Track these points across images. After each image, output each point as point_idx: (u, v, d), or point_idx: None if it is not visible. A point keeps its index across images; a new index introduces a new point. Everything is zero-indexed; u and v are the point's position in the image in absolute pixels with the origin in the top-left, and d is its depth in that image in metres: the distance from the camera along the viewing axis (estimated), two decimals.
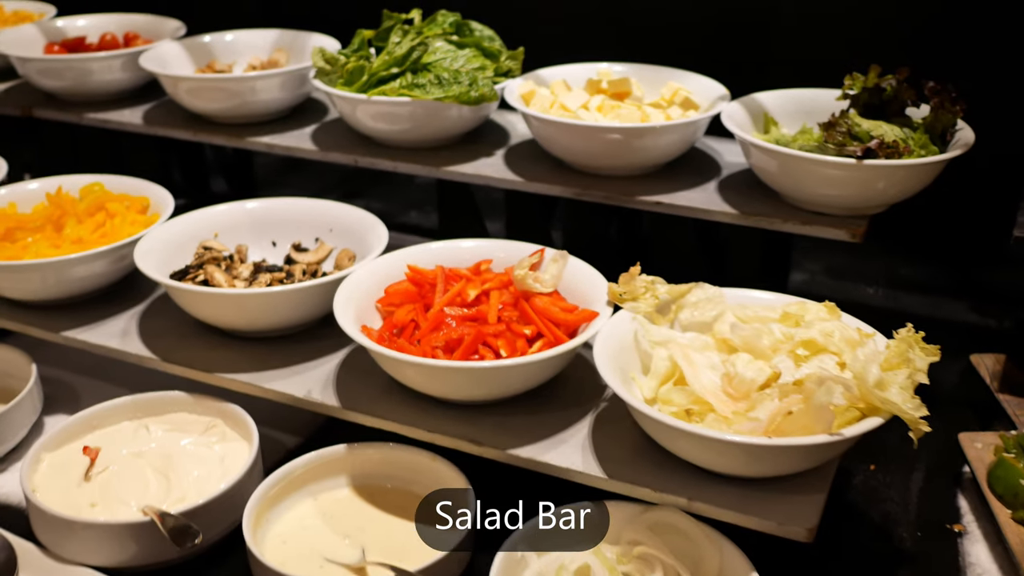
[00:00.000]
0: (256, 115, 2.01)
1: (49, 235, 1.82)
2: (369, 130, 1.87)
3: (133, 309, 1.74)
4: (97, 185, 1.91)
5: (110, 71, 2.12)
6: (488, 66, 1.87)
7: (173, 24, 2.28)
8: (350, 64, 1.87)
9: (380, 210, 1.82)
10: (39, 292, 1.70)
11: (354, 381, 1.51)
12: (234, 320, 1.59)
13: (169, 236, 1.71)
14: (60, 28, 2.35)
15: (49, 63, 2.09)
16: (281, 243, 1.81)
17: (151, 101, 2.18)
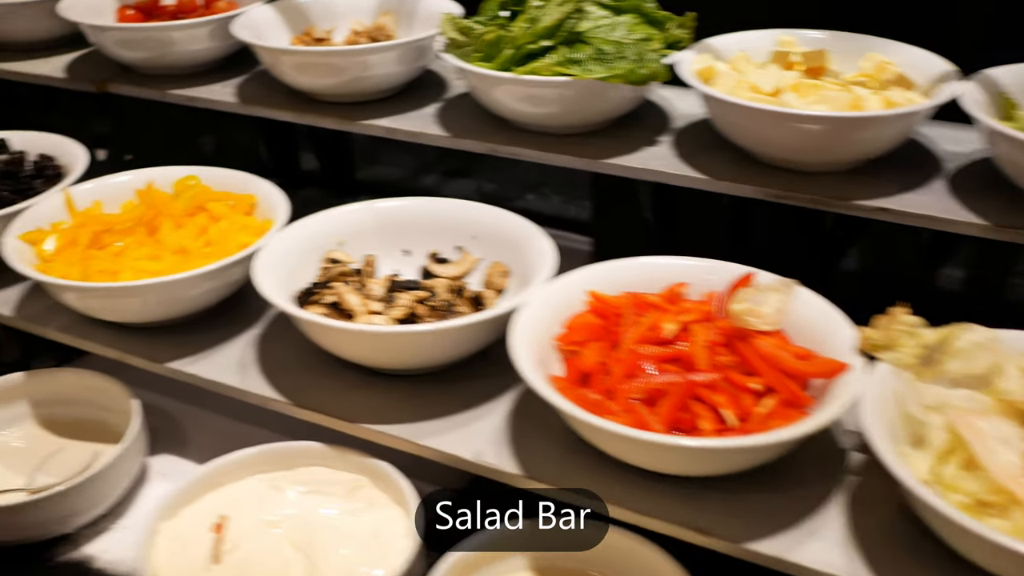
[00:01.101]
0: (368, 92, 1.68)
1: (142, 239, 1.51)
2: (508, 112, 1.54)
3: (248, 333, 1.44)
4: (192, 179, 1.59)
5: (196, 40, 1.78)
6: (655, 36, 1.52)
7: None
8: (489, 35, 1.52)
9: (493, 193, 1.48)
10: (138, 314, 1.40)
11: (532, 436, 1.23)
12: (379, 359, 1.29)
13: (289, 247, 1.41)
14: None
15: (128, 33, 1.76)
16: (415, 251, 1.50)
17: (240, 73, 1.85)
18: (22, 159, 1.70)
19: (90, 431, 1.45)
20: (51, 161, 1.69)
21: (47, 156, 1.70)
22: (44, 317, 1.49)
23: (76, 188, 1.56)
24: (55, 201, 1.53)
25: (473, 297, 1.40)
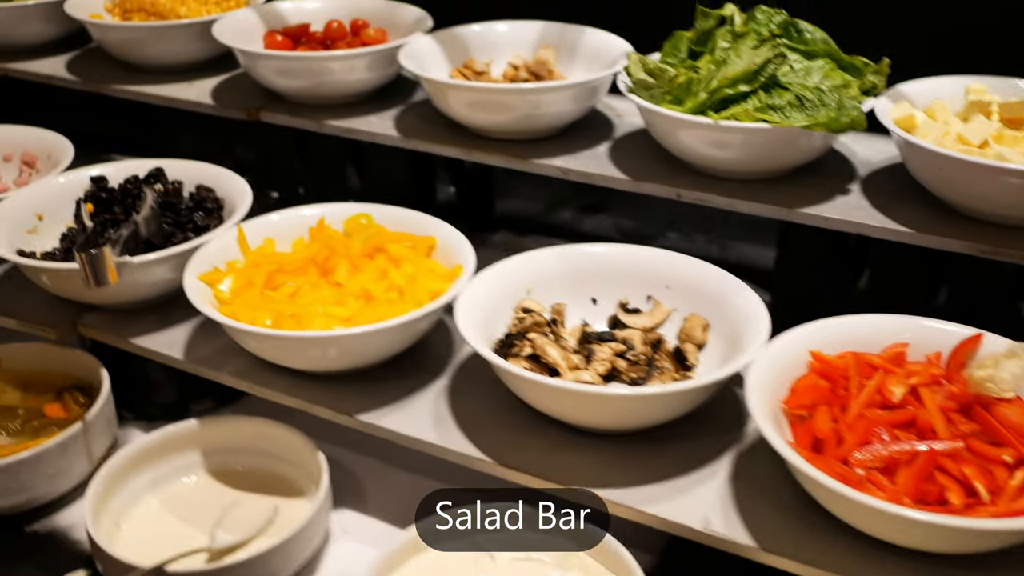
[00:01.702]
0: (539, 130, 1.62)
1: (315, 280, 1.44)
2: (694, 156, 1.46)
3: (436, 383, 1.37)
4: (365, 217, 1.52)
5: (354, 71, 1.71)
6: (851, 83, 1.44)
7: (412, 12, 1.86)
8: (680, 77, 1.45)
9: (632, 230, 1.40)
10: (323, 363, 1.33)
11: (757, 501, 1.16)
12: (591, 418, 1.22)
13: (484, 296, 1.34)
14: (280, 13, 1.94)
15: (287, 62, 1.69)
16: (603, 300, 1.42)
17: (393, 104, 1.78)
18: (180, 190, 1.64)
19: (267, 482, 1.38)
20: (210, 193, 1.63)
21: (205, 187, 1.64)
22: (217, 360, 1.42)
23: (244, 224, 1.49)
24: (228, 238, 1.46)
25: (673, 351, 1.33)
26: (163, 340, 1.47)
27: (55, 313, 1.53)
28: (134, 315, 1.51)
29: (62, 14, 2.03)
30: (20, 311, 1.54)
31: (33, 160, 1.82)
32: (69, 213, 1.64)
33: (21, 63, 2.03)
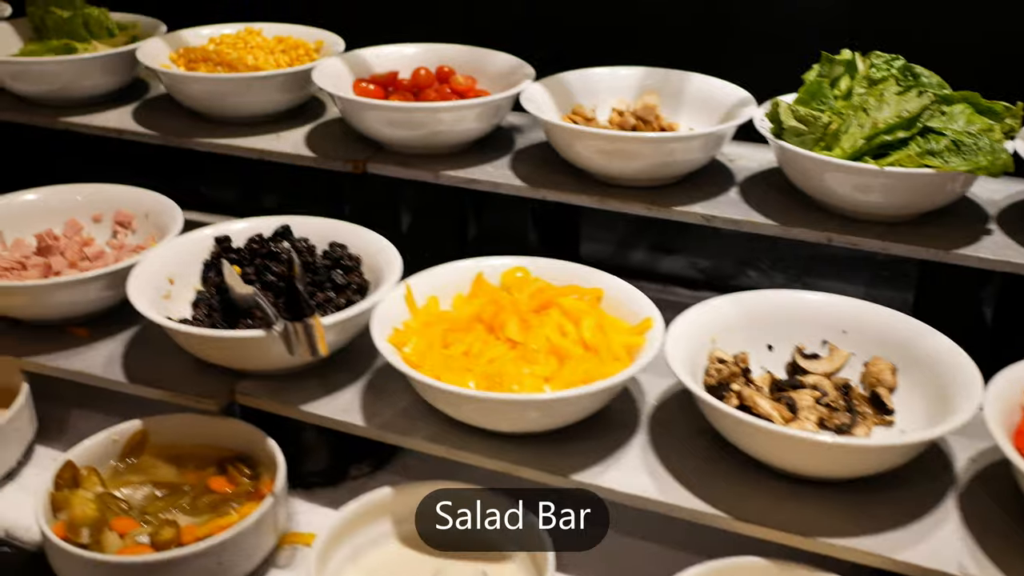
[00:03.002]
0: (668, 177, 1.60)
1: (483, 337, 1.39)
2: (837, 200, 1.47)
3: (637, 436, 1.35)
4: (521, 270, 1.48)
5: (461, 121, 1.66)
6: (994, 127, 1.47)
7: (503, 60, 1.82)
8: (834, 124, 1.46)
9: (710, 269, 1.47)
10: (524, 424, 1.29)
11: (1002, 543, 1.16)
12: (818, 467, 1.20)
13: (679, 349, 1.30)
14: (365, 61, 1.87)
15: (395, 112, 1.63)
16: (778, 346, 1.41)
17: (498, 152, 1.73)
18: (312, 248, 1.56)
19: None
20: (344, 249, 1.55)
21: (338, 244, 1.56)
22: (403, 425, 1.35)
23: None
24: (396, 297, 1.40)
25: (868, 397, 1.33)
26: (334, 406, 1.39)
27: (207, 382, 1.43)
28: (292, 380, 1.43)
29: (122, 66, 1.91)
30: (168, 381, 1.44)
31: (128, 220, 1.70)
32: (195, 275, 1.54)
33: (83, 117, 1.89)
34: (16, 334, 1.53)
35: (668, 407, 1.37)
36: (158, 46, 1.91)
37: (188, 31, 1.98)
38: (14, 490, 1.49)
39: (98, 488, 1.35)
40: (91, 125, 1.88)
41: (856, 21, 1.76)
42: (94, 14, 2.01)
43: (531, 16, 1.98)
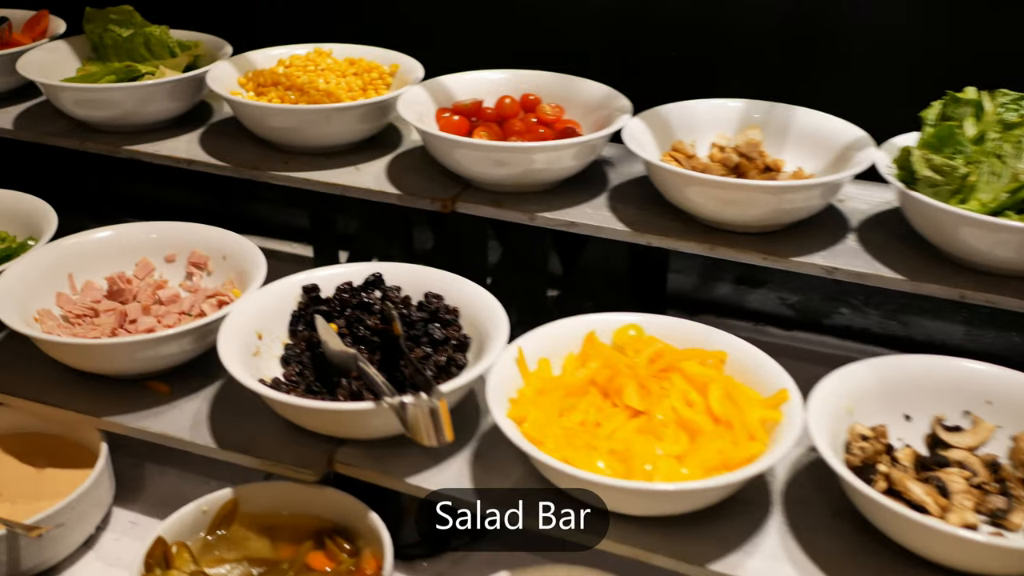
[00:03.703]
0: (785, 223, 1.47)
1: (597, 403, 1.29)
2: (970, 254, 1.35)
3: (773, 518, 1.22)
4: (634, 328, 1.36)
5: (558, 160, 1.54)
6: None
7: (594, 89, 1.69)
8: (972, 176, 1.34)
9: (802, 305, 1.35)
10: (656, 510, 1.17)
11: None
12: (981, 567, 1.09)
13: (821, 423, 1.19)
14: (447, 89, 1.74)
15: (487, 152, 1.50)
16: (916, 416, 1.29)
17: (595, 190, 1.61)
18: (408, 299, 1.44)
19: None
20: (440, 300, 1.44)
21: (434, 295, 1.44)
22: None
23: None
24: (507, 360, 1.28)
25: (1022, 478, 1.22)
26: (442, 479, 1.28)
27: (305, 449, 1.32)
28: (393, 446, 1.31)
29: (189, 91, 1.79)
30: (262, 448, 1.32)
31: (203, 262, 1.59)
32: (282, 328, 1.43)
33: (149, 145, 1.77)
34: (90, 388, 1.41)
35: (801, 482, 1.26)
36: (226, 69, 1.78)
37: (256, 53, 1.86)
38: (94, 560, 1.37)
39: (191, 567, 1.24)
40: (158, 154, 1.75)
41: (953, 52, 1.63)
42: (155, 33, 1.89)
43: (609, 41, 1.84)
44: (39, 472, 1.42)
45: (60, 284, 1.52)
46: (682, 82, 1.71)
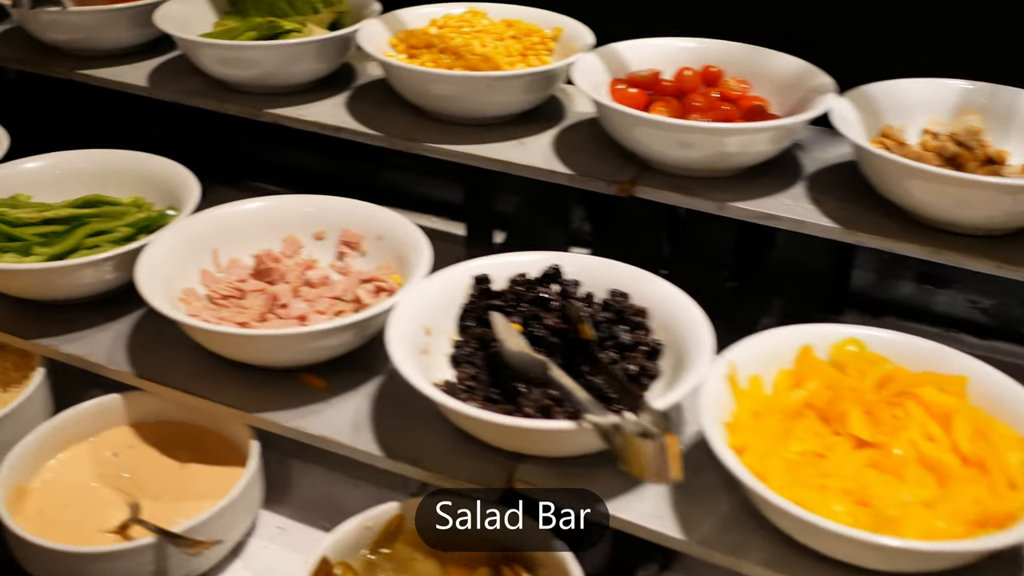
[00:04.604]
0: (1017, 227, 1.26)
1: (815, 428, 1.09)
2: None
3: None
4: (854, 343, 1.16)
5: (755, 144, 1.33)
6: None
7: (787, 62, 1.48)
8: None
9: (995, 310, 1.36)
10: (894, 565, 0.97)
11: None
12: None
13: None
14: (621, 59, 1.54)
15: (689, 133, 1.31)
16: None
17: (790, 176, 1.42)
18: (590, 296, 1.26)
19: None
20: (626, 299, 1.25)
21: (620, 292, 1.26)
22: (731, 542, 1.06)
23: None
24: (716, 375, 1.09)
25: None
26: (640, 509, 1.11)
27: (481, 464, 1.15)
28: (581, 465, 1.14)
29: (337, 51, 1.62)
30: (434, 460, 1.16)
31: (356, 241, 1.42)
32: (450, 322, 1.26)
33: (292, 109, 1.60)
34: (239, 378, 1.26)
35: None
36: (377, 29, 1.61)
37: (407, 11, 1.68)
38: (242, 570, 1.23)
39: None
40: (303, 119, 1.58)
41: None
42: None
43: (798, 5, 1.62)
44: (182, 468, 1.28)
45: (204, 260, 1.36)
46: (881, 56, 1.49)
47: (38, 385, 1.34)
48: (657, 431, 0.93)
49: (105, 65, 1.74)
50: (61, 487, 1.24)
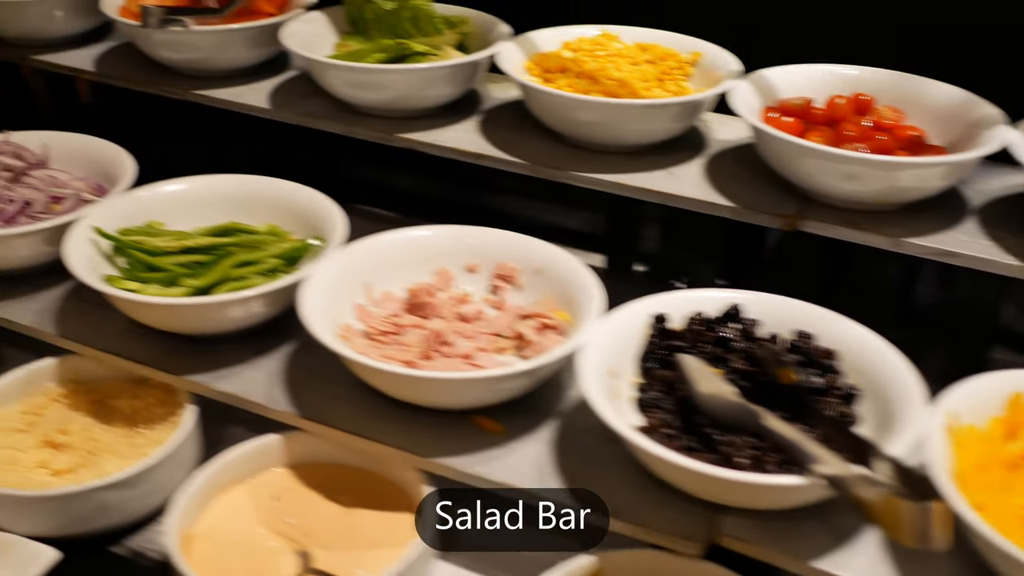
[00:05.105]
0: None
1: None
2: None
3: None
4: None
5: (928, 179, 1.28)
6: None
7: (950, 95, 1.43)
8: None
9: None
10: None
11: None
12: None
13: None
14: (771, 85, 1.49)
15: (859, 165, 1.27)
16: None
17: (960, 210, 1.35)
18: (774, 337, 1.20)
19: None
20: (809, 340, 1.19)
21: (805, 333, 1.20)
22: None
23: None
24: (935, 429, 1.04)
25: None
26: (856, 567, 1.04)
27: (678, 514, 1.09)
28: (788, 517, 1.08)
29: (470, 75, 1.56)
30: (632, 511, 1.10)
31: (511, 275, 1.36)
32: (629, 364, 1.20)
33: (424, 134, 1.54)
34: (407, 419, 1.21)
35: None
36: (513, 52, 1.55)
37: (538, 34, 1.62)
38: None
39: None
40: (438, 145, 1.52)
41: None
42: (423, 7, 1.65)
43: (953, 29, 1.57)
44: (348, 513, 1.22)
45: (356, 294, 1.30)
46: None
47: (194, 424, 1.27)
48: (916, 491, 0.86)
49: (220, 85, 1.67)
50: (226, 533, 1.17)
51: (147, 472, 1.20)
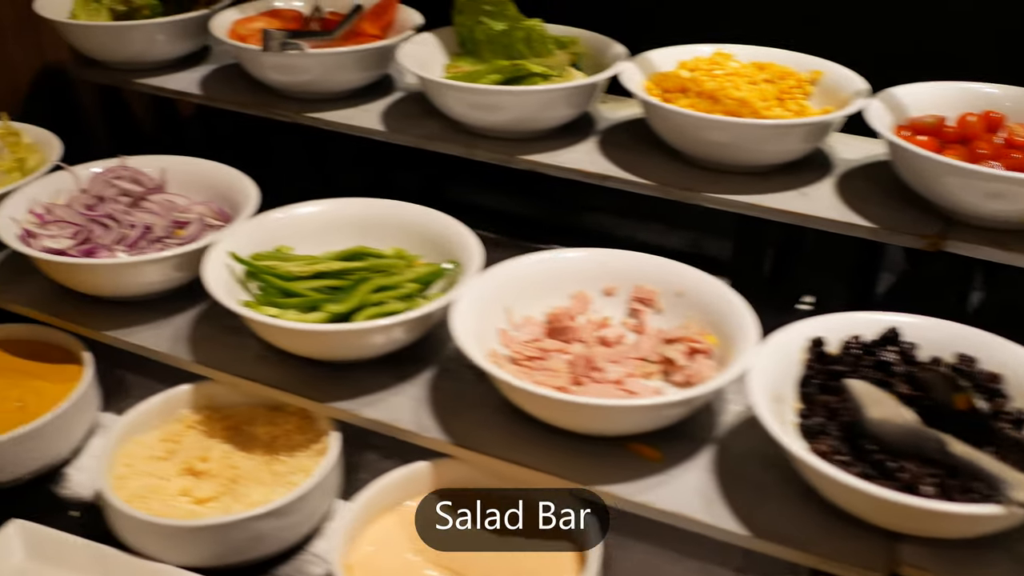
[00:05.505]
0: None
1: None
2: None
3: None
4: None
5: None
6: None
7: None
8: None
9: None
10: None
11: None
12: None
13: None
14: (902, 105, 1.46)
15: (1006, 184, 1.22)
16: None
17: None
18: (937, 361, 1.17)
19: None
20: (972, 364, 1.16)
21: (967, 356, 1.17)
22: None
23: None
24: None
25: None
26: None
27: (852, 542, 1.07)
28: (966, 546, 1.05)
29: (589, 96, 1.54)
30: (807, 539, 1.07)
31: (650, 298, 1.34)
32: (788, 390, 1.18)
33: (545, 155, 1.52)
34: (561, 445, 1.19)
35: None
36: (634, 72, 1.53)
37: (654, 53, 1.60)
38: None
39: None
40: (562, 166, 1.51)
41: None
42: (536, 28, 1.63)
43: None
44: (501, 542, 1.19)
45: (498, 318, 1.28)
46: None
47: (339, 452, 1.25)
48: None
49: (329, 108, 1.66)
50: (383, 562, 1.15)
51: (299, 500, 1.18)
